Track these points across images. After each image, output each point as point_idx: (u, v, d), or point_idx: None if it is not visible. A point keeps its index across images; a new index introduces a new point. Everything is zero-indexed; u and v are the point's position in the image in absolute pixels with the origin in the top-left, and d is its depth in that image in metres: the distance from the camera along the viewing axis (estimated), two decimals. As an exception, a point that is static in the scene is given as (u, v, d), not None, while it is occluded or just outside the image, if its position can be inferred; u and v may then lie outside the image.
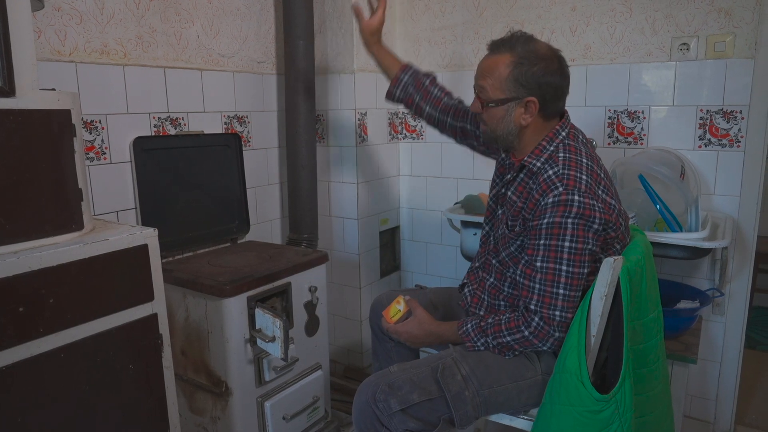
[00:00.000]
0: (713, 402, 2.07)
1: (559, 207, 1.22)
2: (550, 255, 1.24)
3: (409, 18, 2.46)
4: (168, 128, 1.90)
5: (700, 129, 1.92)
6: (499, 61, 1.31)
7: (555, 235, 1.23)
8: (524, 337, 1.29)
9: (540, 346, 1.29)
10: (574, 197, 1.22)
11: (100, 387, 1.19)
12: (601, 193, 1.26)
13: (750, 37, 1.80)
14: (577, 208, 1.21)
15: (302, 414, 1.86)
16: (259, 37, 2.21)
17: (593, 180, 1.26)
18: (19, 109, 1.06)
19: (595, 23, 2.05)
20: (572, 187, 1.23)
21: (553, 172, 1.27)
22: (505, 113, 1.33)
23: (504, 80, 1.30)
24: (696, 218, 1.75)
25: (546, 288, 1.26)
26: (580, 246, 1.22)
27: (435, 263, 2.61)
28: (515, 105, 1.31)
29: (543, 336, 1.27)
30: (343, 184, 2.39)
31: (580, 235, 1.22)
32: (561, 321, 1.25)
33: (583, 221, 1.21)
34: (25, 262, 1.04)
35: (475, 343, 1.36)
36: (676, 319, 1.77)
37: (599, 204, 1.23)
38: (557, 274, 1.24)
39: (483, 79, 1.33)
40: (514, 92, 1.30)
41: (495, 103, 1.33)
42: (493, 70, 1.31)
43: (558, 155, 1.30)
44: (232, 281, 1.63)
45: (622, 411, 1.15)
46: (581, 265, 1.24)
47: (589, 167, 1.28)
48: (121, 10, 1.71)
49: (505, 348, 1.33)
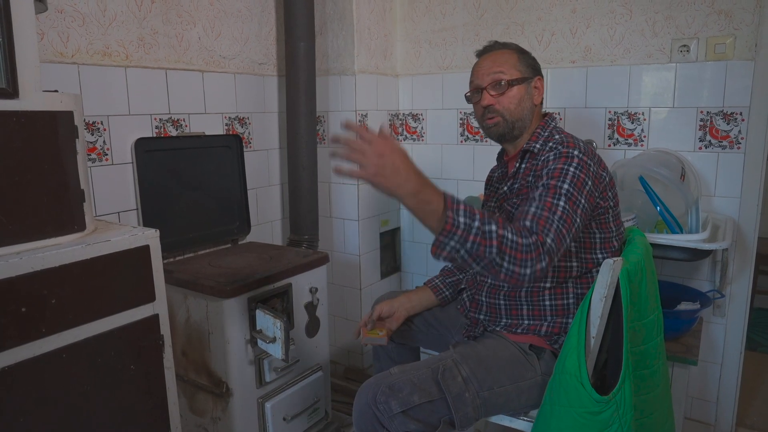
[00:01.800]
0: (714, 404, 2.07)
1: (561, 158, 1.29)
2: (549, 192, 1.22)
3: (410, 20, 2.47)
4: (169, 129, 1.90)
5: (701, 130, 1.93)
6: (503, 53, 1.45)
7: (555, 177, 1.26)
8: (511, 240, 1.08)
9: (524, 251, 1.09)
10: (574, 152, 1.29)
11: (101, 387, 1.20)
12: (594, 163, 1.32)
13: (750, 39, 1.81)
14: (578, 160, 1.27)
15: (302, 415, 1.86)
16: (260, 38, 2.21)
17: (588, 150, 1.33)
18: (22, 110, 1.06)
19: (596, 25, 2.06)
20: (573, 147, 1.31)
21: (553, 143, 1.36)
22: (525, 91, 1.44)
23: (517, 63, 1.43)
24: (696, 220, 1.75)
25: (546, 198, 1.21)
26: (576, 194, 1.23)
27: (435, 265, 2.61)
28: (530, 83, 1.44)
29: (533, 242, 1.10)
30: (343, 185, 2.39)
31: (578, 185, 1.25)
32: (550, 248, 1.12)
33: (582, 173, 1.26)
34: (28, 262, 1.04)
35: (456, 220, 1.06)
36: (676, 320, 1.77)
37: (594, 165, 1.30)
38: (555, 205, 1.19)
39: (498, 67, 1.43)
40: (527, 72, 1.44)
41: (518, 81, 1.42)
42: (504, 59, 1.44)
43: (554, 137, 1.39)
44: (232, 282, 1.63)
45: (622, 412, 1.15)
46: (579, 196, 1.24)
47: (584, 143, 1.36)
48: (123, 12, 1.72)
49: (486, 236, 1.07)
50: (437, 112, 2.48)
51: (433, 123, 2.50)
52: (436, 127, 2.49)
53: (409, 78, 2.53)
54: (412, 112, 2.55)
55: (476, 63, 1.49)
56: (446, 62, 2.41)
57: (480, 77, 1.45)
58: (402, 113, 2.57)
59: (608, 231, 1.37)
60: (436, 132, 2.51)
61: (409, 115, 2.56)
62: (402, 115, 2.57)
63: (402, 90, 2.56)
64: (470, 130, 2.40)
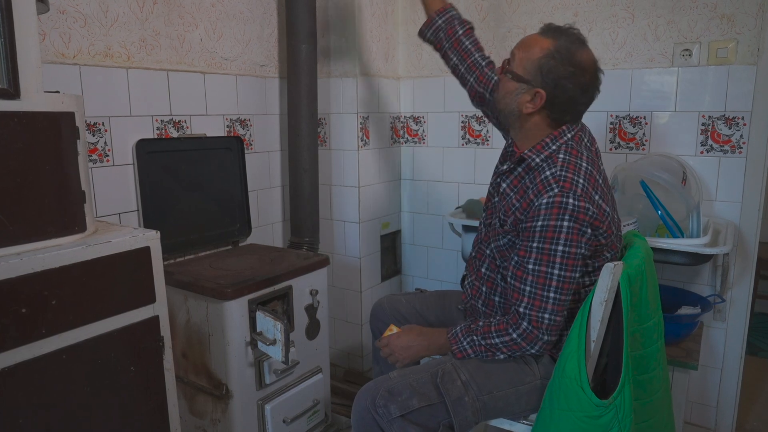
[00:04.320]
0: (714, 408, 2.06)
1: (553, 209, 1.21)
2: (542, 258, 1.24)
3: (412, 22, 2.47)
4: (170, 131, 1.90)
5: (702, 135, 1.92)
6: (540, 42, 1.30)
7: (549, 238, 1.22)
8: (512, 339, 1.29)
9: (528, 349, 1.29)
10: (568, 200, 1.21)
11: (101, 388, 1.19)
12: (598, 198, 1.25)
13: (752, 44, 1.81)
14: (571, 211, 1.20)
15: (302, 417, 1.86)
16: (261, 40, 2.22)
17: (590, 184, 1.25)
18: (23, 111, 1.06)
19: (598, 29, 2.06)
20: (567, 190, 1.22)
21: (551, 173, 1.26)
22: (515, 91, 1.32)
23: (531, 61, 1.29)
24: (697, 224, 1.75)
25: (537, 291, 1.25)
26: (573, 250, 1.22)
27: (436, 267, 2.61)
28: (525, 89, 1.30)
29: (531, 339, 1.27)
30: (344, 187, 2.39)
31: (574, 239, 1.21)
32: (550, 324, 1.25)
33: (577, 225, 1.21)
34: (28, 263, 1.04)
35: (461, 343, 1.34)
36: (677, 325, 1.77)
37: (593, 208, 1.22)
38: (549, 278, 1.24)
39: (518, 49, 1.33)
40: (531, 77, 1.29)
41: (512, 75, 1.32)
42: (529, 47, 1.31)
43: (558, 156, 1.29)
44: (233, 284, 1.63)
45: (622, 416, 1.15)
46: (573, 270, 1.24)
47: (588, 172, 1.27)
48: (125, 13, 1.72)
49: (493, 349, 1.32)
50: (438, 115, 2.48)
51: (435, 126, 2.50)
52: (438, 130, 2.50)
53: (410, 81, 2.53)
54: (414, 114, 2.55)
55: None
56: (448, 65, 2.41)
57: (515, 46, 1.36)
58: (403, 116, 2.57)
59: (603, 260, 1.32)
60: (437, 135, 2.51)
61: (411, 118, 2.56)
62: (403, 117, 2.58)
63: (403, 93, 2.56)
64: (471, 133, 2.40)
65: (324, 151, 2.40)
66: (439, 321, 1.64)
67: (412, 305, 1.68)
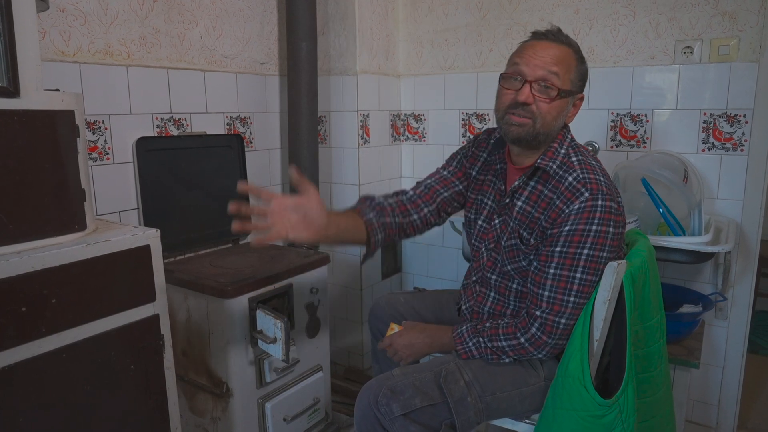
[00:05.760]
0: (715, 407, 2.06)
1: (584, 213, 1.20)
2: (566, 262, 1.22)
3: (412, 20, 2.46)
4: (171, 129, 1.90)
5: (704, 132, 1.92)
6: (568, 53, 1.27)
7: (575, 243, 1.21)
8: (520, 343, 1.28)
9: (535, 354, 1.28)
10: (597, 202, 1.20)
11: (101, 387, 1.19)
12: (616, 193, 1.25)
13: (755, 41, 1.80)
14: (600, 213, 1.20)
15: (303, 415, 1.86)
16: (261, 38, 2.21)
17: (608, 179, 1.25)
18: (23, 109, 1.06)
19: (599, 26, 2.05)
20: (596, 191, 1.20)
21: (574, 178, 1.23)
22: (566, 106, 1.29)
23: (573, 72, 1.27)
24: (699, 222, 1.75)
25: (557, 295, 1.24)
26: (597, 254, 1.21)
27: (436, 265, 2.61)
28: (572, 100, 1.30)
29: (539, 344, 1.26)
30: (344, 185, 2.39)
31: (599, 243, 1.20)
32: (565, 329, 1.24)
33: (604, 228, 1.20)
34: (28, 262, 1.04)
35: (466, 344, 1.33)
36: (678, 323, 1.77)
37: (616, 204, 1.22)
38: (570, 282, 1.22)
39: (555, 66, 1.24)
40: (575, 86, 1.28)
41: (566, 94, 1.26)
42: (565, 60, 1.26)
43: (572, 159, 1.28)
44: (233, 282, 1.62)
45: (625, 416, 1.15)
46: (595, 273, 1.22)
47: (600, 168, 1.28)
48: (125, 11, 1.71)
49: (499, 352, 1.31)
50: (439, 113, 2.48)
51: (435, 124, 2.49)
52: (438, 127, 2.49)
53: (411, 78, 2.52)
54: (414, 112, 2.54)
55: (529, 44, 1.28)
56: (448, 63, 2.40)
57: (530, 65, 1.24)
58: (404, 113, 2.57)
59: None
60: (437, 133, 2.50)
61: (411, 116, 2.55)
62: (404, 115, 2.57)
63: (404, 90, 2.55)
64: (472, 130, 2.40)
65: (324, 148, 2.39)
66: (437, 321, 1.63)
67: (410, 304, 1.67)
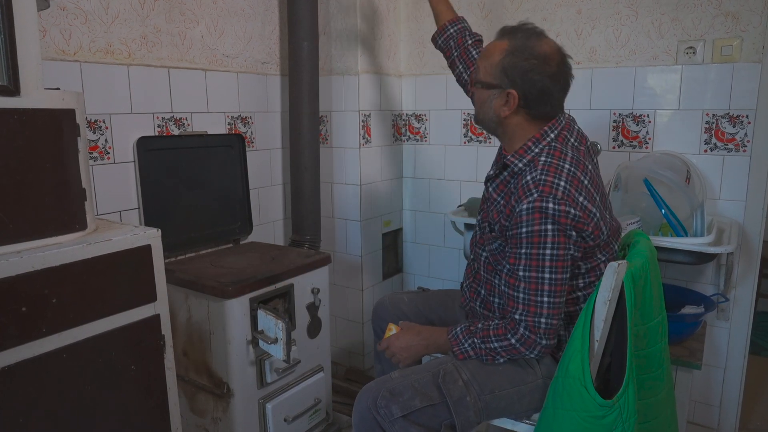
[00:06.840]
0: (717, 408, 2.06)
1: (534, 214, 1.20)
2: (531, 264, 1.23)
3: (414, 20, 2.46)
4: (172, 128, 1.90)
5: (706, 133, 1.91)
6: (497, 46, 1.32)
7: (536, 243, 1.21)
8: (511, 344, 1.28)
9: (527, 353, 1.28)
10: (548, 204, 1.19)
11: (101, 387, 1.19)
12: (582, 200, 1.22)
13: (757, 41, 1.79)
14: (552, 215, 1.19)
15: (303, 416, 1.85)
16: (263, 37, 2.21)
17: (573, 186, 1.22)
18: (23, 108, 1.06)
19: (601, 26, 2.05)
20: (547, 194, 1.19)
21: (531, 178, 1.24)
22: (488, 98, 1.33)
23: (494, 66, 1.30)
24: (701, 223, 1.74)
25: (530, 297, 1.24)
26: (562, 252, 1.21)
27: (438, 266, 2.60)
28: (497, 93, 1.31)
29: (529, 344, 1.26)
30: (346, 185, 2.39)
31: (561, 241, 1.21)
32: (547, 328, 1.24)
33: (561, 228, 1.20)
34: (29, 261, 1.04)
35: (462, 345, 1.34)
36: (680, 324, 1.76)
37: (575, 211, 1.20)
38: (540, 283, 1.23)
39: (480, 60, 1.36)
40: (499, 80, 1.30)
41: (481, 84, 1.34)
42: (489, 54, 1.33)
43: (540, 159, 1.27)
44: (234, 282, 1.62)
45: (626, 416, 1.15)
46: (564, 271, 1.23)
47: (571, 173, 1.23)
48: (126, 9, 1.71)
49: (493, 353, 1.31)
50: (440, 113, 2.47)
51: (437, 123, 2.49)
52: (440, 127, 2.49)
53: (412, 78, 2.52)
54: (416, 112, 2.54)
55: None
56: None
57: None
58: (405, 113, 2.56)
59: (596, 261, 1.31)
60: (439, 132, 2.50)
61: (413, 116, 2.55)
62: (405, 115, 2.57)
63: (405, 90, 2.55)
64: (473, 130, 2.39)
65: (325, 148, 2.39)
66: (441, 320, 1.64)
67: (414, 304, 1.67)
